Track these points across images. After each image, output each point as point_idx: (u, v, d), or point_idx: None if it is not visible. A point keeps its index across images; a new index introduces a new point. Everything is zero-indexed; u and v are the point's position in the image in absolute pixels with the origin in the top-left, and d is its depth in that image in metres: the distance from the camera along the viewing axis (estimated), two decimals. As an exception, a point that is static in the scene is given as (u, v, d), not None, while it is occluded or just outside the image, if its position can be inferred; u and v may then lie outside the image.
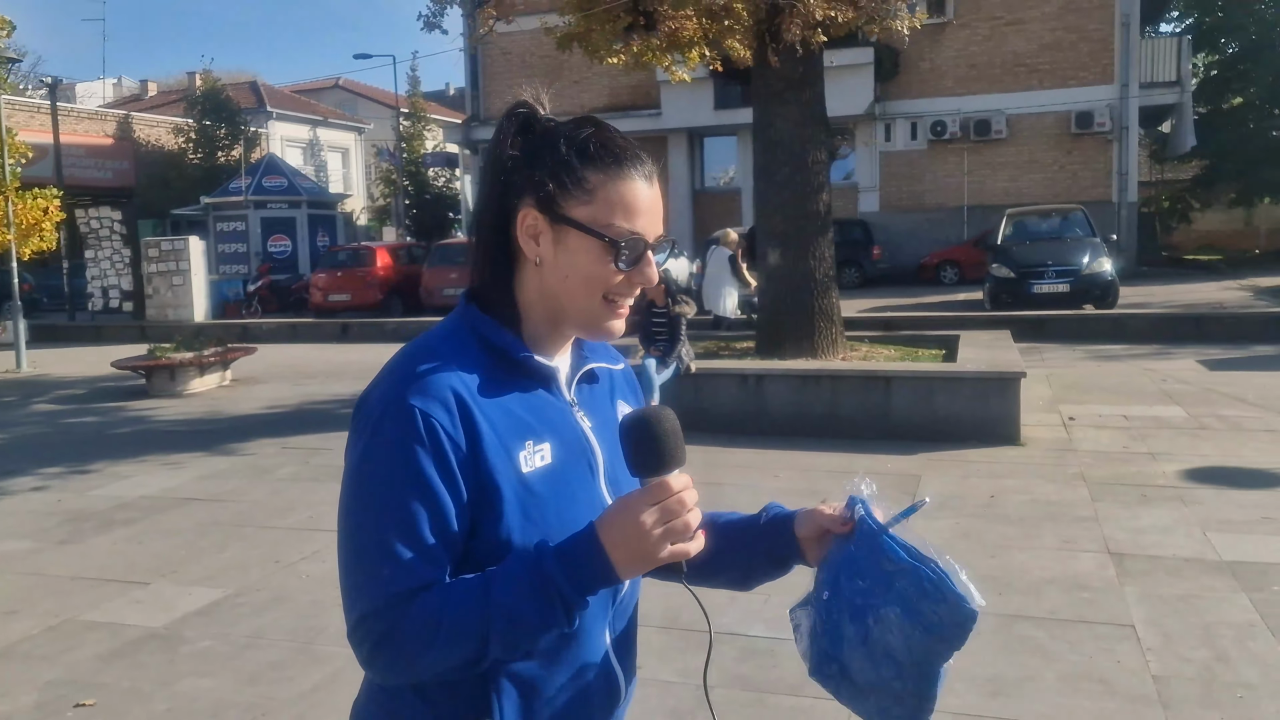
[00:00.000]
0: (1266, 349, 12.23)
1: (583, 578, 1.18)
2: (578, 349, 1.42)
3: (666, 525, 1.17)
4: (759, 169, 10.19)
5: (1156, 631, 4.22)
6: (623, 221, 1.27)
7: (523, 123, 1.33)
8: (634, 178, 1.29)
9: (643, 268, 1.30)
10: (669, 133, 25.51)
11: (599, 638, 1.34)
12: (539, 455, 1.27)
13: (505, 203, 1.31)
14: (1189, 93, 24.74)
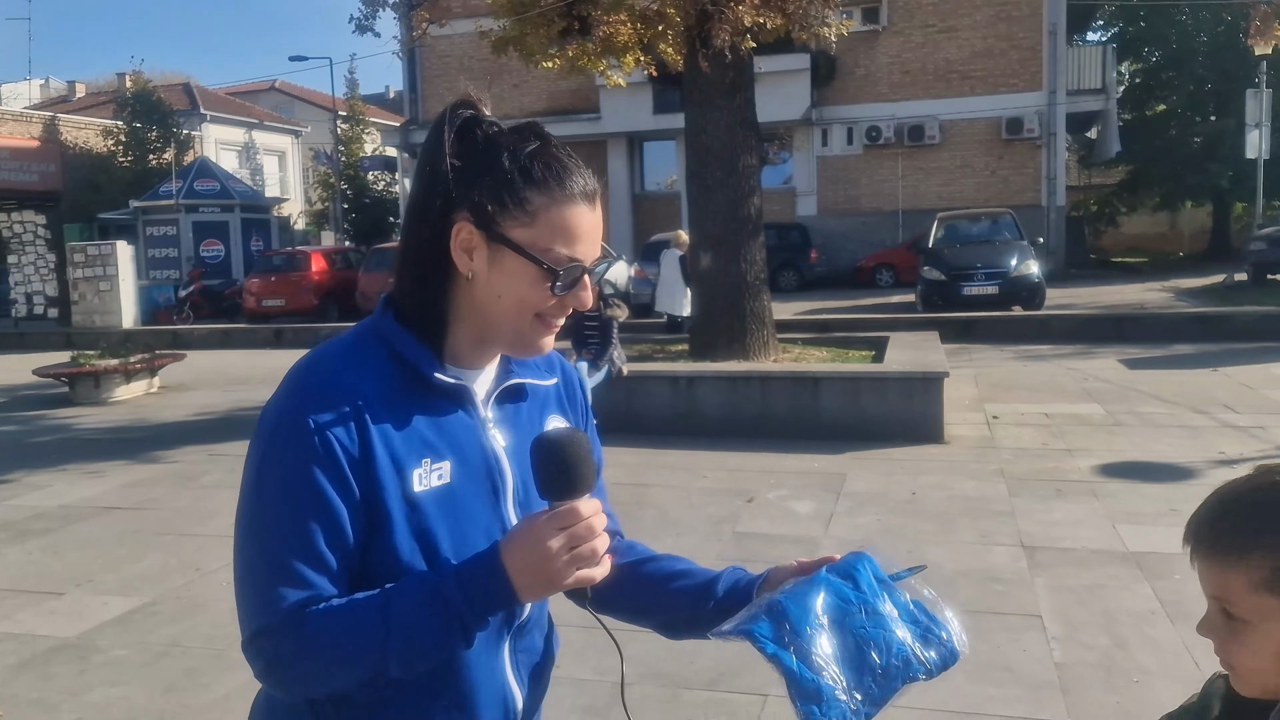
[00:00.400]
0: (1185, 348, 12.63)
1: (482, 599, 1.17)
2: (504, 364, 1.38)
3: (573, 551, 1.15)
4: (691, 173, 10.28)
5: (1062, 621, 4.36)
6: (562, 248, 1.24)
7: (463, 126, 1.28)
8: (577, 202, 1.25)
9: (578, 292, 1.27)
10: (608, 137, 25.58)
11: (496, 658, 1.33)
12: (436, 474, 1.25)
13: (440, 210, 1.26)
14: (1114, 100, 25.45)
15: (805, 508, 6.27)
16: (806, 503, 6.37)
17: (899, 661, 1.20)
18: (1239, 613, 1.02)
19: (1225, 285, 18.89)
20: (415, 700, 1.26)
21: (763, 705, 3.71)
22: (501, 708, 1.33)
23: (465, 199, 1.24)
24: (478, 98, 1.30)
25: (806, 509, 6.24)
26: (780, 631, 1.19)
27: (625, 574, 1.44)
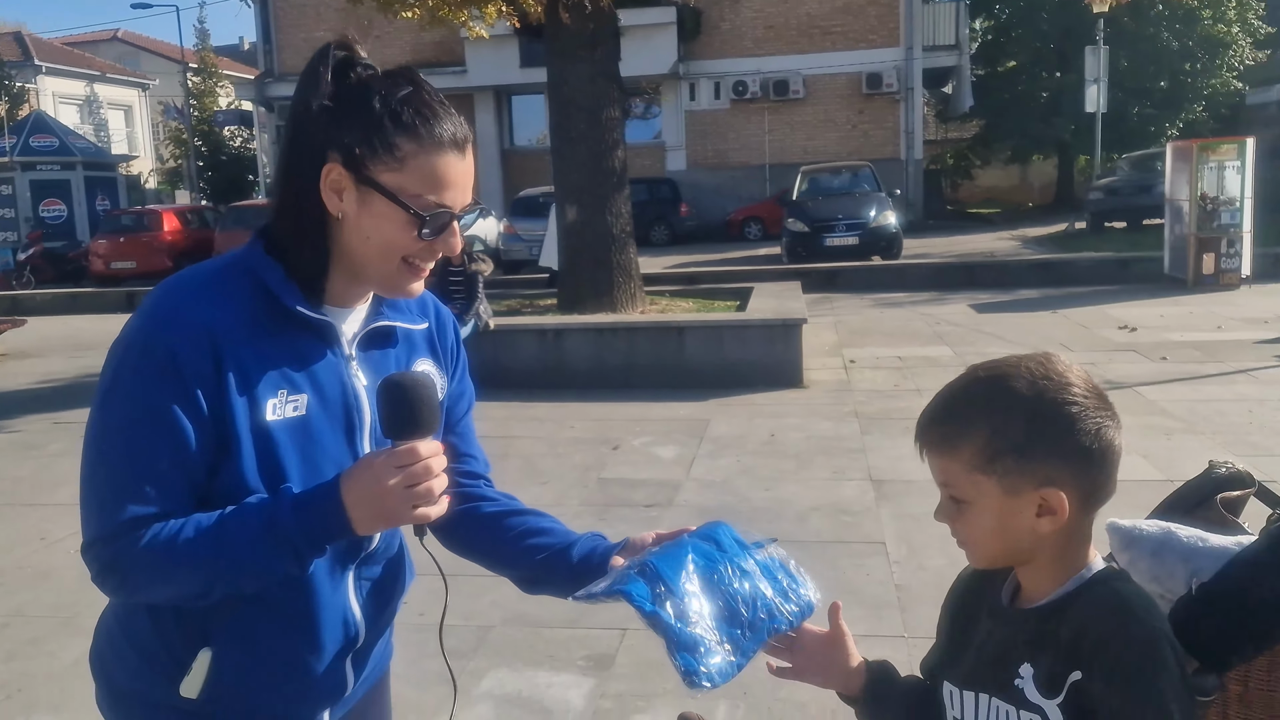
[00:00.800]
0: (1029, 292, 13.35)
1: (317, 529, 1.21)
2: (376, 305, 1.40)
3: (410, 489, 1.19)
4: (554, 126, 10.23)
5: (903, 545, 4.63)
6: (431, 194, 1.25)
7: (338, 67, 1.28)
8: (447, 150, 1.26)
9: (446, 238, 1.29)
10: (475, 91, 25.10)
11: (340, 584, 1.37)
12: (291, 406, 1.27)
13: (312, 150, 1.27)
14: (967, 56, 26.39)
15: (669, 453, 6.42)
16: (670, 448, 6.53)
17: (764, 614, 1.30)
18: (960, 495, 1.15)
19: (1067, 233, 19.99)
20: (256, 616, 1.30)
21: (621, 639, 3.83)
22: (342, 629, 1.38)
23: (336, 140, 1.25)
24: (354, 39, 1.31)
25: (670, 454, 6.40)
26: (655, 591, 1.25)
27: (489, 524, 1.51)
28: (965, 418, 1.14)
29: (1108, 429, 1.12)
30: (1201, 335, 9.62)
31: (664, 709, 3.32)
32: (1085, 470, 1.12)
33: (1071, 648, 1.08)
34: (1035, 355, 1.17)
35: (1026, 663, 1.12)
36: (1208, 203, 12.63)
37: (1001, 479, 1.11)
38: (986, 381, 1.15)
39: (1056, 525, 1.12)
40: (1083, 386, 1.13)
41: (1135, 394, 7.39)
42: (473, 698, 3.46)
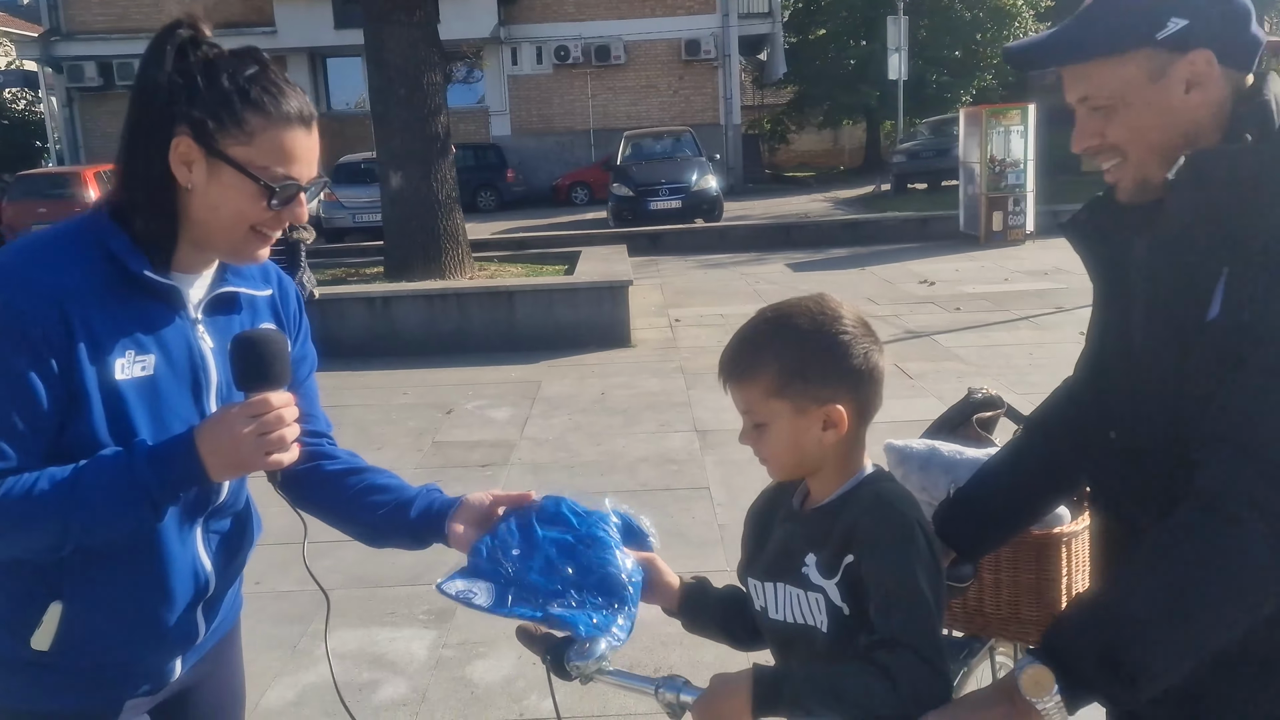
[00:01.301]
0: (840, 251, 14.10)
1: (172, 476, 1.28)
2: (221, 272, 1.46)
3: (263, 436, 1.28)
4: (374, 91, 10.03)
5: (725, 489, 4.95)
6: (279, 166, 1.33)
7: (182, 45, 1.32)
8: (293, 125, 1.33)
9: (294, 207, 1.37)
10: (288, 52, 23.98)
11: (189, 537, 1.44)
12: (139, 366, 1.33)
13: (160, 124, 1.32)
14: (780, 23, 27.24)
15: (502, 414, 6.55)
16: (504, 410, 6.65)
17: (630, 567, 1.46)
18: (760, 419, 1.35)
19: (874, 195, 21.12)
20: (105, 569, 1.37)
21: (462, 592, 3.96)
22: (193, 580, 1.46)
23: (185, 115, 1.31)
24: (199, 18, 1.36)
25: (503, 415, 6.52)
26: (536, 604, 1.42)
27: (332, 481, 1.61)
28: (758, 353, 1.34)
29: (874, 353, 1.35)
30: (991, 287, 10.47)
31: (505, 654, 3.49)
32: (858, 388, 1.34)
33: (845, 537, 1.31)
34: (812, 295, 1.39)
35: (811, 553, 1.34)
36: (996, 164, 13.65)
37: (792, 401, 1.32)
38: (773, 321, 1.36)
39: (838, 437, 1.34)
40: (851, 319, 1.35)
41: (933, 342, 8.02)
42: (315, 657, 3.52)
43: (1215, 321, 1.19)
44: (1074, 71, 1.26)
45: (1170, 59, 1.20)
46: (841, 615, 1.31)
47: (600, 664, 1.39)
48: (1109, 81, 1.23)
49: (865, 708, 1.18)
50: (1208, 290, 1.20)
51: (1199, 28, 1.19)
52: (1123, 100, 1.23)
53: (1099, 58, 1.23)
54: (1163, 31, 1.19)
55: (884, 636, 1.21)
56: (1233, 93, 1.23)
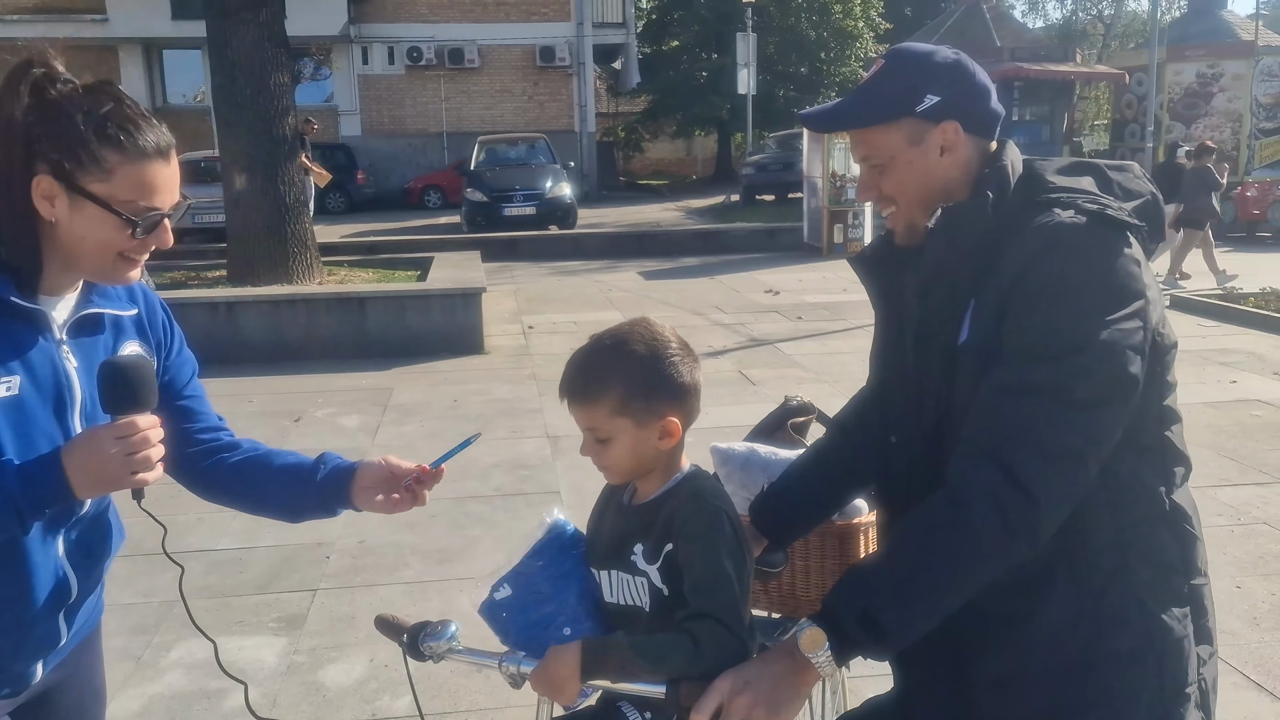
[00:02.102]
0: (691, 260, 14.52)
1: (39, 494, 1.34)
2: (86, 293, 1.50)
3: (129, 456, 1.34)
4: (218, 89, 9.75)
5: (576, 494, 5.11)
6: (141, 199, 1.38)
7: (36, 84, 1.35)
8: (152, 158, 1.38)
9: (159, 233, 1.43)
10: (120, 42, 22.88)
11: (50, 545, 1.49)
12: (4, 386, 1.37)
13: (20, 161, 1.35)
14: (634, 34, 27.69)
15: (353, 422, 6.53)
16: (354, 417, 6.63)
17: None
18: (603, 434, 1.53)
19: (724, 205, 21.76)
20: None
21: (311, 599, 3.99)
22: (54, 585, 1.51)
23: (43, 154, 1.36)
24: (52, 55, 1.41)
25: (354, 423, 6.51)
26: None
27: (237, 471, 1.71)
28: (601, 376, 1.52)
29: (695, 370, 1.57)
30: (831, 297, 11.03)
31: (357, 657, 3.55)
32: (685, 401, 1.55)
33: (665, 527, 1.50)
34: (639, 321, 1.58)
35: (639, 542, 1.53)
36: (837, 180, 14.35)
37: (635, 418, 1.51)
38: (612, 348, 1.54)
39: (671, 444, 1.54)
40: (676, 341, 1.56)
41: (775, 350, 8.43)
42: (160, 668, 3.50)
43: (965, 344, 1.45)
44: (856, 136, 1.53)
45: (926, 127, 1.47)
46: (662, 596, 1.50)
47: (451, 644, 1.54)
48: (881, 144, 1.49)
49: (675, 667, 1.38)
50: (959, 318, 1.46)
51: (949, 103, 1.47)
52: (892, 160, 1.49)
53: (874, 125, 1.49)
54: (920, 105, 1.46)
55: (694, 610, 1.42)
56: (980, 156, 1.51)
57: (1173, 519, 1.47)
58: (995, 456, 1.34)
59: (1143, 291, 1.38)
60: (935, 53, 1.52)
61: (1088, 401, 1.33)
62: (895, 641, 1.37)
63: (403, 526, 4.72)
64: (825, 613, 1.38)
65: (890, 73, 1.51)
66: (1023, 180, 1.49)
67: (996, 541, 1.33)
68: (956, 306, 1.47)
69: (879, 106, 1.49)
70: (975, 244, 1.44)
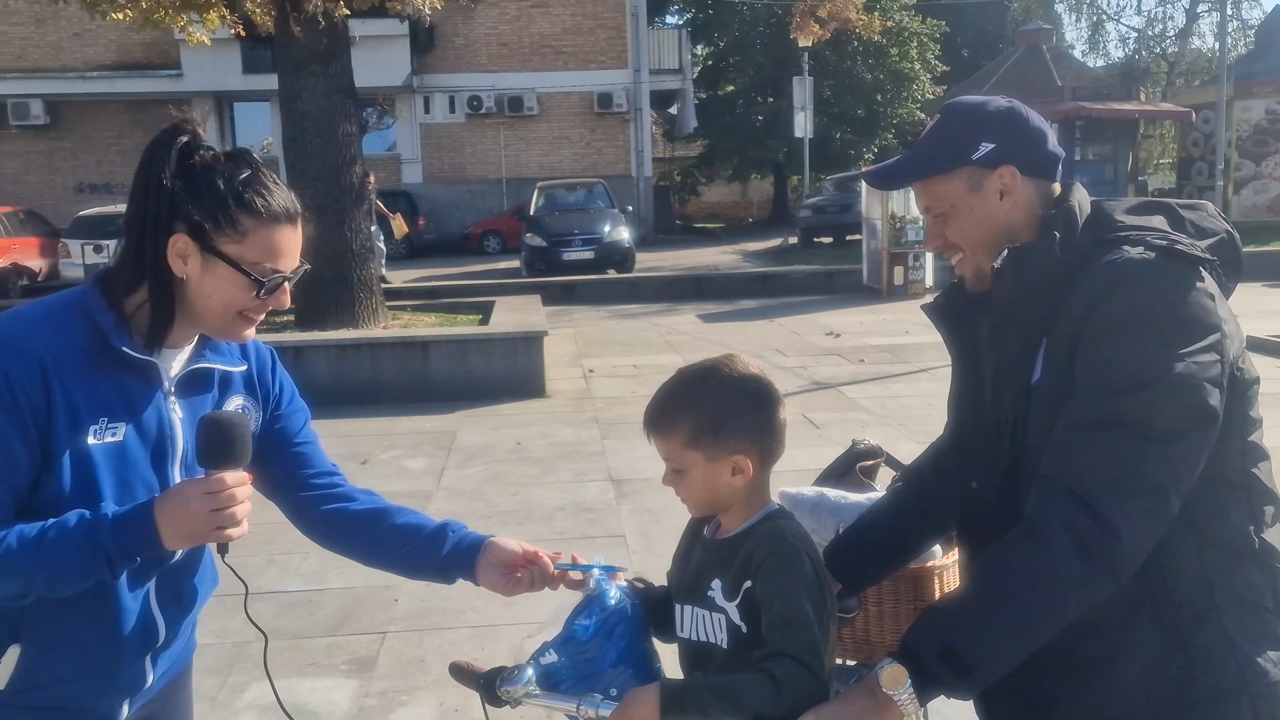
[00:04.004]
0: (749, 302, 14.52)
1: (130, 543, 1.40)
2: (199, 348, 1.58)
3: (215, 512, 1.40)
4: (288, 140, 10.07)
5: (641, 537, 5.12)
6: (268, 262, 1.47)
7: (182, 150, 1.46)
8: (281, 223, 1.48)
9: (279, 295, 1.52)
10: (193, 96, 23.69)
11: (142, 587, 1.55)
12: (110, 432, 1.45)
13: (159, 220, 1.45)
14: (690, 79, 28.06)
15: (418, 465, 6.61)
16: (419, 460, 6.71)
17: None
18: (678, 465, 1.54)
19: (781, 248, 21.78)
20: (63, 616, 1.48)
21: (381, 641, 4.03)
22: (142, 631, 1.56)
23: (184, 215, 1.45)
24: (197, 123, 1.51)
25: (419, 466, 6.59)
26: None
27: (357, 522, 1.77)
28: (675, 409, 1.55)
29: (773, 409, 1.57)
30: (893, 340, 10.94)
31: (426, 701, 3.57)
32: (761, 439, 1.55)
33: (744, 564, 1.51)
34: (723, 357, 1.60)
35: (717, 578, 1.54)
36: (897, 221, 14.28)
37: (704, 452, 1.52)
38: (689, 381, 1.57)
39: (745, 480, 1.54)
40: (757, 379, 1.56)
41: (838, 393, 8.37)
42: (235, 709, 3.55)
43: (1039, 383, 1.46)
44: (918, 188, 1.57)
45: (984, 174, 1.51)
46: (740, 633, 1.50)
47: (528, 688, 1.54)
48: (942, 194, 1.53)
49: (754, 708, 1.38)
50: (1031, 358, 1.48)
51: (1004, 148, 1.50)
52: (953, 208, 1.53)
53: (933, 176, 1.53)
54: (976, 153, 1.50)
55: (772, 649, 1.41)
56: (1042, 198, 1.53)
57: (1262, 558, 1.44)
58: (1074, 491, 1.34)
59: (1218, 325, 1.38)
60: (988, 102, 1.56)
61: (1165, 434, 1.33)
62: (978, 678, 1.36)
63: (468, 569, 4.75)
64: (906, 650, 1.38)
65: (945, 126, 1.55)
66: (1091, 220, 1.51)
67: (1078, 576, 1.33)
68: (1028, 347, 1.48)
69: (936, 158, 1.53)
70: (1043, 283, 1.46)
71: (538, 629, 1.65)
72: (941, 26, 29.69)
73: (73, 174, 24.35)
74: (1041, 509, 1.36)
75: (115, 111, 24.20)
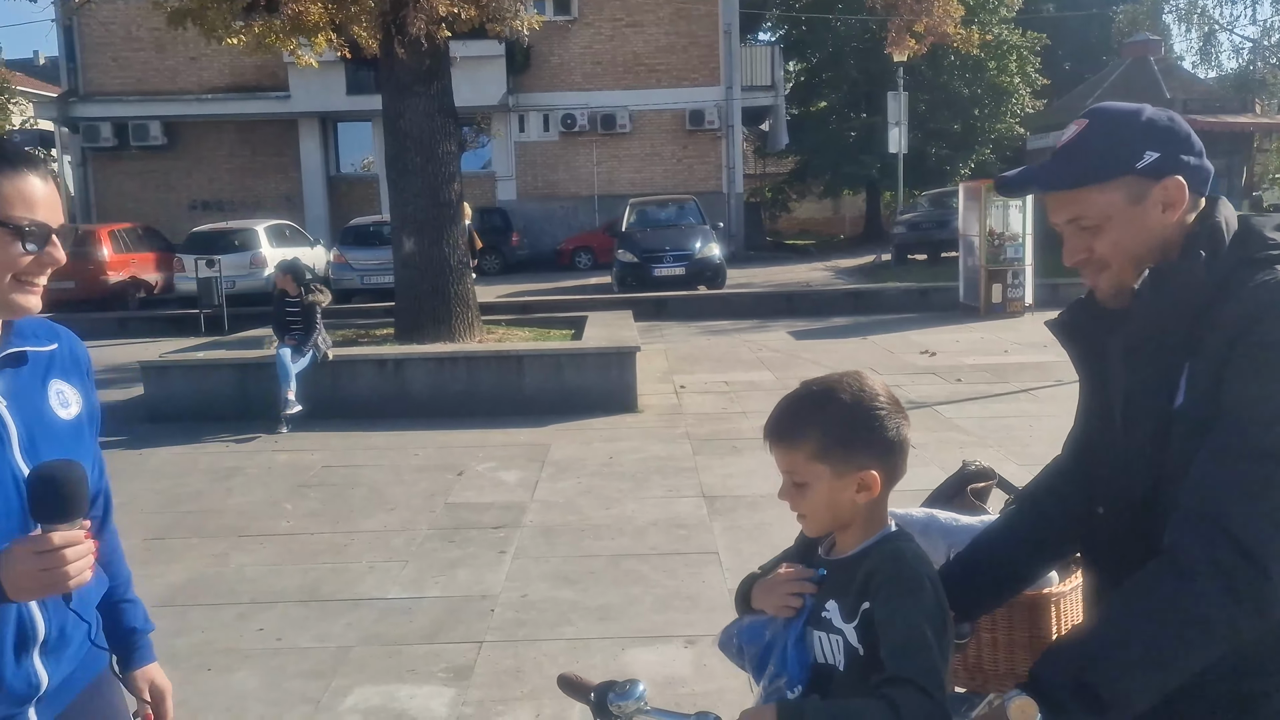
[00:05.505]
0: (842, 320, 14.34)
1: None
2: (7, 334, 1.55)
3: (45, 571, 1.37)
4: (390, 158, 10.36)
5: (735, 555, 5.08)
6: (24, 212, 1.43)
7: None
8: (29, 175, 1.44)
9: (50, 250, 1.48)
10: (300, 116, 24.61)
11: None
12: None
13: None
14: (782, 96, 27.92)
15: (512, 477, 6.69)
16: (514, 472, 6.79)
17: None
18: (800, 479, 1.52)
19: (874, 264, 21.46)
20: None
21: (478, 651, 4.08)
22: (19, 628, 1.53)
23: None
24: None
25: (513, 478, 6.67)
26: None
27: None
28: (803, 421, 1.52)
29: (903, 427, 1.54)
30: (991, 359, 10.67)
31: (523, 711, 3.60)
32: (889, 457, 1.52)
33: (863, 585, 1.47)
34: (851, 372, 1.58)
35: (833, 599, 1.51)
36: (995, 238, 13.97)
37: (831, 466, 1.50)
38: (818, 394, 1.54)
39: (869, 498, 1.52)
40: (885, 396, 1.54)
41: (934, 413, 8.19)
42: (338, 713, 3.63)
43: (1182, 409, 1.39)
44: (1064, 197, 1.47)
45: (1147, 185, 1.42)
46: (857, 656, 1.47)
47: (639, 704, 1.54)
48: (1097, 204, 1.44)
49: None
50: (1172, 382, 1.41)
51: (1168, 158, 1.42)
52: (1108, 220, 1.44)
53: (1091, 185, 1.44)
54: (1141, 162, 1.42)
55: (892, 674, 1.37)
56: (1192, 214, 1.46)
57: None
58: (1220, 524, 1.28)
59: None
60: (1144, 109, 1.48)
61: None
62: (1116, 712, 1.30)
63: (563, 583, 4.78)
64: (1035, 682, 1.33)
65: (1099, 131, 1.46)
66: (1239, 237, 1.43)
67: (1223, 613, 1.26)
68: (1168, 369, 1.41)
69: (1094, 165, 1.44)
70: (1188, 304, 1.39)
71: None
72: (1043, 39, 28.95)
73: (186, 192, 25.42)
74: (1184, 542, 1.31)
75: (227, 132, 25.24)
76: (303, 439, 7.93)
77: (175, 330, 14.90)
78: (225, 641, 4.22)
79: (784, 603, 1.57)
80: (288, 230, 20.14)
